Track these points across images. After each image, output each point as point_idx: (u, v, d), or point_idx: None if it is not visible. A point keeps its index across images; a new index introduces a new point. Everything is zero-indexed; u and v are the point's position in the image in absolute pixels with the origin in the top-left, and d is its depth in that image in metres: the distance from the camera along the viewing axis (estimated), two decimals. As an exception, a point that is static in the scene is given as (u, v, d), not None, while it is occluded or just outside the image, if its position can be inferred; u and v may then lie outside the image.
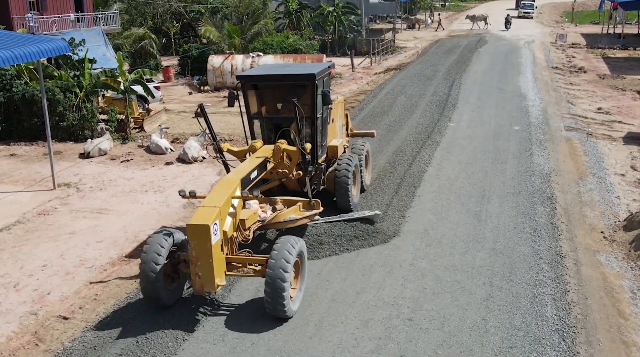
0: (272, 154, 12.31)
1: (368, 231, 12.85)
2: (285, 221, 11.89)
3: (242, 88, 13.28)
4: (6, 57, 14.45)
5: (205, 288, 9.71)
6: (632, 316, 10.19)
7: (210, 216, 9.56)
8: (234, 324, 9.83)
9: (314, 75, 12.60)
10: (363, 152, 15.23)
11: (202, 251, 9.45)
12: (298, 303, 10.18)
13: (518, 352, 8.94)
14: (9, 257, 12.89)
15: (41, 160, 19.90)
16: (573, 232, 13.36)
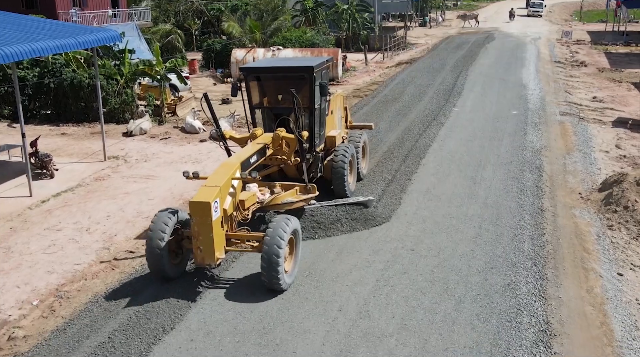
0: (271, 141, 13.02)
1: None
2: (282, 203, 12.55)
3: (245, 79, 13.90)
4: (71, 43, 16.96)
5: (206, 261, 10.35)
6: (594, 252, 12.45)
7: (212, 194, 10.18)
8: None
9: (312, 67, 13.20)
10: (360, 143, 15.95)
11: (204, 226, 10.10)
12: (293, 277, 10.87)
13: (497, 271, 11.26)
14: (77, 210, 15.38)
15: (89, 138, 22.45)
16: (554, 193, 15.62)
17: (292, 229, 10.65)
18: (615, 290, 10.98)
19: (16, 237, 13.76)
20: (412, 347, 8.98)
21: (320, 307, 10.08)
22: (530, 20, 72.87)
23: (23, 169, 18.53)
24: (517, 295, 10.44)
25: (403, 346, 9.01)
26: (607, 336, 9.53)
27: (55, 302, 10.96)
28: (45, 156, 17.86)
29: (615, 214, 14.10)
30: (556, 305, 10.25)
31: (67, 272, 12.08)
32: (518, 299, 10.32)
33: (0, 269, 12.21)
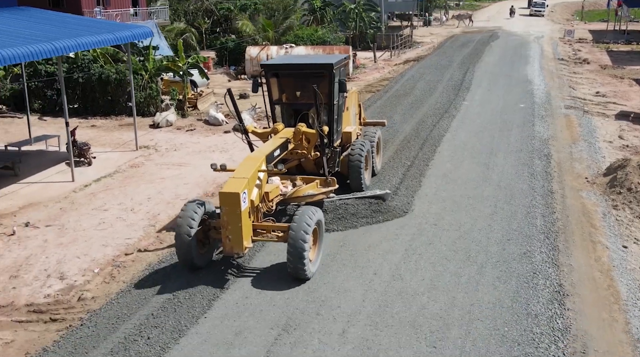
0: (292, 136, 13.33)
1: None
2: (304, 196, 12.91)
3: (265, 76, 14.20)
4: (110, 39, 18.14)
5: (235, 250, 10.67)
6: (600, 228, 13.62)
7: (240, 185, 10.52)
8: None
9: (332, 65, 13.60)
10: (375, 138, 16.34)
11: (233, 216, 10.39)
12: (316, 266, 11.17)
13: (513, 242, 12.44)
14: (119, 193, 16.56)
15: (118, 129, 23.62)
16: (562, 177, 16.80)
17: (316, 219, 10.95)
18: (620, 260, 12.14)
19: (67, 216, 14.93)
20: (442, 302, 10.15)
21: (357, 272, 11.26)
22: (532, 19, 74.07)
23: (60, 158, 19.77)
24: (532, 262, 11.61)
25: (434, 302, 10.18)
26: (614, 296, 10.69)
27: (114, 270, 12.13)
28: (84, 145, 19.02)
29: (620, 195, 15.27)
30: (567, 271, 11.41)
31: (121, 245, 13.25)
32: (533, 265, 11.49)
33: (59, 243, 13.38)
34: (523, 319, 9.66)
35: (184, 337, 9.29)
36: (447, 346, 8.95)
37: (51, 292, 11.32)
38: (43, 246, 13.27)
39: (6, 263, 12.46)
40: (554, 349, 8.92)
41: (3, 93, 26.28)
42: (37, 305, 10.91)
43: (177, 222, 11.17)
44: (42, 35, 16.22)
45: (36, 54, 14.72)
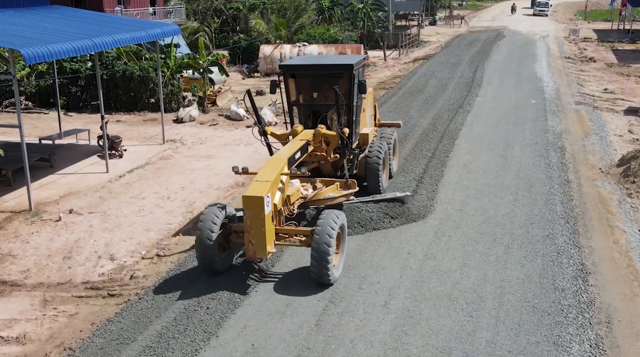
0: (312, 138, 13.07)
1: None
2: (324, 199, 12.71)
3: (284, 76, 13.95)
4: (142, 36, 18.89)
5: (258, 254, 10.44)
6: (616, 213, 14.37)
7: (264, 189, 10.30)
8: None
9: (352, 65, 13.36)
10: (392, 140, 16.10)
11: (256, 220, 10.19)
12: (340, 271, 11.01)
13: (536, 226, 13.19)
14: (154, 183, 17.32)
15: (142, 124, 24.39)
16: (577, 168, 17.55)
17: (340, 223, 10.77)
18: (637, 242, 12.89)
19: (107, 204, 15.69)
20: (474, 279, 10.91)
21: (392, 252, 12.02)
22: (536, 19, 74.87)
23: (91, 151, 20.53)
24: (555, 243, 12.36)
25: (467, 278, 10.94)
26: (633, 275, 11.44)
27: (160, 252, 12.88)
28: (116, 138, 19.79)
29: (634, 184, 16.01)
30: (588, 252, 12.16)
31: (162, 230, 14.01)
32: (557, 246, 12.24)
33: (104, 228, 14.14)
34: (551, 293, 10.42)
35: (239, 308, 10.05)
36: (483, 316, 9.71)
37: (104, 271, 12.08)
38: (89, 230, 14.03)
39: (57, 246, 13.22)
40: (581, 319, 9.67)
41: (29, 89, 27.02)
42: (93, 282, 11.67)
43: (198, 226, 10.96)
44: (82, 33, 16.97)
45: (80, 49, 15.49)
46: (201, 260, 11.09)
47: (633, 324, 9.72)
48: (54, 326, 10.19)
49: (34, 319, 10.44)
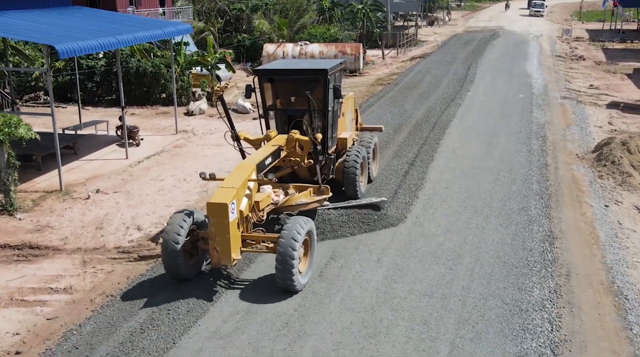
0: (285, 143, 12.97)
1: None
2: (296, 205, 12.46)
3: (259, 81, 13.82)
4: (159, 34, 20.64)
5: (222, 261, 10.41)
6: (587, 192, 16.10)
7: (229, 196, 10.21)
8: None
9: (327, 70, 13.17)
10: (371, 145, 16.02)
11: (221, 227, 10.15)
12: (307, 278, 10.94)
13: (513, 201, 14.92)
14: (170, 167, 19.04)
15: (155, 117, 26.10)
16: (556, 154, 19.27)
17: (307, 230, 10.70)
18: (602, 215, 14.62)
19: (130, 185, 17.42)
20: (455, 241, 12.65)
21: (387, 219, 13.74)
22: (532, 19, 76.59)
23: (110, 140, 22.26)
24: (529, 214, 14.09)
25: (449, 240, 12.68)
26: (594, 240, 13.17)
27: (180, 223, 14.58)
28: (133, 128, 21.52)
29: (605, 167, 17.74)
30: (557, 221, 13.89)
31: (181, 206, 15.68)
32: (529, 216, 13.97)
33: (129, 205, 15.87)
34: (520, 252, 12.15)
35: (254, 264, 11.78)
36: (460, 269, 11.45)
37: (133, 238, 13.82)
38: (116, 206, 15.75)
39: (89, 219, 14.95)
40: (544, 272, 11.39)
41: (47, 85, 28.71)
42: (124, 247, 13.40)
43: (164, 232, 10.99)
44: (105, 30, 18.71)
45: (105, 45, 17.24)
46: (167, 267, 11.02)
47: (588, 277, 11.44)
48: (95, 280, 11.93)
49: (77, 275, 12.17)
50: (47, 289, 11.64)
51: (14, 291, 11.51)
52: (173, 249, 10.68)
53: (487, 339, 9.26)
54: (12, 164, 15.39)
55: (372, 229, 13.26)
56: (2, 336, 10.03)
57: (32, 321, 10.46)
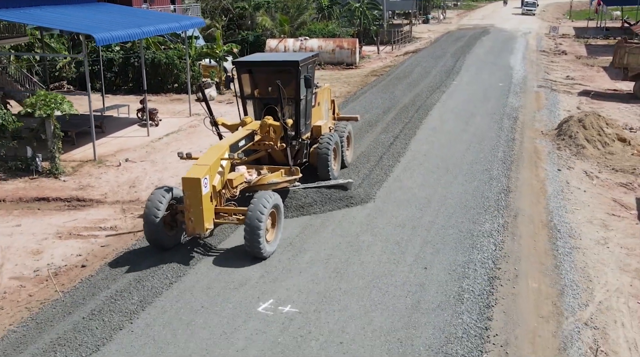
0: (259, 128, 14.13)
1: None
2: (268, 184, 13.43)
3: (237, 72, 14.95)
4: (176, 26, 23.46)
5: (196, 230, 11.46)
6: (544, 159, 18.91)
7: (202, 171, 11.28)
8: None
9: (298, 62, 14.29)
10: (345, 132, 17.10)
11: (194, 199, 11.24)
12: (275, 246, 12.07)
13: (479, 164, 17.76)
14: (187, 142, 21.86)
15: (170, 103, 28.93)
16: (524, 131, 22.10)
17: (272, 203, 11.73)
18: (553, 176, 17.44)
19: (154, 155, 20.25)
20: (427, 192, 15.50)
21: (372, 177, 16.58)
22: (524, 18, 79.46)
23: (130, 122, 25.09)
24: (490, 174, 16.93)
25: (422, 191, 15.55)
26: (543, 192, 15.99)
27: (200, 183, 17.39)
28: (153, 110, 24.35)
29: (563, 141, 20.56)
30: (514, 180, 16.72)
31: (200, 171, 18.53)
32: (491, 175, 16.81)
33: (155, 170, 18.70)
34: (479, 199, 14.99)
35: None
36: (428, 210, 14.31)
37: (162, 193, 16.62)
38: (144, 171, 18.59)
39: (122, 180, 17.78)
40: (495, 213, 14.23)
41: (70, 75, 31.59)
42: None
43: (145, 206, 12.05)
44: (130, 23, 21.53)
45: (133, 35, 20.06)
46: (148, 238, 12.09)
47: (531, 217, 14.28)
48: (134, 222, 14.74)
49: (119, 218, 15.00)
50: (97, 227, 14.48)
51: (71, 229, 14.35)
52: (153, 221, 11.71)
53: (444, 252, 12.12)
54: (57, 134, 18.24)
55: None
56: (69, 257, 12.87)
57: (90, 248, 13.30)
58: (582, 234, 13.54)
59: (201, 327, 9.62)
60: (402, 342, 9.14)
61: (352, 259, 11.88)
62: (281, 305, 10.22)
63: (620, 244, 13.14)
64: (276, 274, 11.38)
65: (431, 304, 10.20)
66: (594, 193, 16.31)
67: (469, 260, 11.81)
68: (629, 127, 22.91)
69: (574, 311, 10.37)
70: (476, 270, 11.43)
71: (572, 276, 11.55)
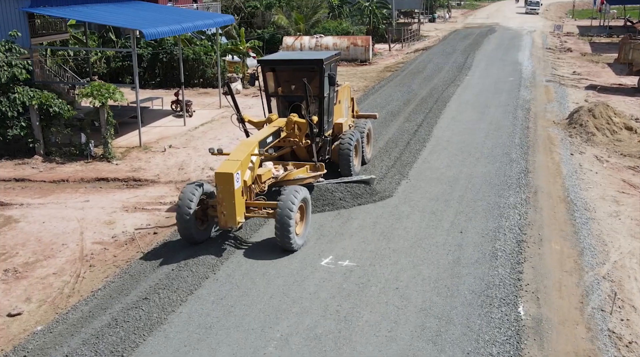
0: (285, 125, 14.33)
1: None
2: (294, 179, 13.82)
3: (262, 70, 15.19)
4: (209, 23, 25.01)
5: (229, 223, 11.72)
6: (557, 145, 20.48)
7: (234, 167, 11.56)
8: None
9: (322, 60, 14.52)
10: (365, 130, 17.40)
11: (227, 194, 11.49)
12: (303, 239, 12.30)
13: (499, 148, 19.35)
14: (222, 131, 23.43)
15: (199, 96, 30.49)
16: (537, 121, 23.69)
17: (301, 197, 11.99)
18: (567, 159, 19.01)
19: (194, 142, 21.82)
20: (454, 172, 17.09)
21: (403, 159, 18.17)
22: (527, 17, 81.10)
23: (166, 113, 26.66)
24: (510, 157, 18.51)
25: (449, 171, 17.14)
26: (558, 173, 17.56)
27: (242, 166, 18.97)
28: (188, 101, 25.92)
29: (574, 129, 22.14)
30: (532, 162, 18.29)
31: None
32: (510, 158, 18.40)
33: (199, 154, 20.26)
34: (502, 178, 16.58)
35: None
36: (458, 186, 15.90)
37: (210, 174, 18.20)
38: (189, 156, 20.16)
39: (171, 163, 19.35)
40: (518, 189, 15.80)
41: (101, 70, 33.15)
42: (204, 180, 17.74)
43: (177, 202, 12.37)
44: (169, 20, 23.08)
45: (174, 31, 21.63)
46: (181, 232, 12.42)
47: (550, 193, 15.86)
48: (190, 198, 16.29)
49: (175, 195, 16.55)
50: (157, 202, 16.06)
51: (135, 204, 15.93)
52: (186, 216, 12.03)
53: (476, 220, 13.71)
54: (110, 121, 19.82)
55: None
56: (140, 226, 14.45)
57: (156, 219, 14.87)
58: (596, 207, 15.10)
59: (275, 276, 11.20)
60: (449, 288, 10.73)
61: (396, 225, 13.48)
62: (340, 260, 11.80)
63: (631, 217, 14.69)
64: (330, 237, 12.97)
65: (470, 260, 11.79)
66: (605, 174, 17.86)
67: (499, 226, 13.39)
68: (635, 118, 24.48)
69: (593, 267, 11.93)
70: (505, 234, 13.00)
71: (589, 240, 13.11)
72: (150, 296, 10.54)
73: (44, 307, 10.82)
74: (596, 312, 10.32)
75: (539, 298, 10.63)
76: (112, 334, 9.40)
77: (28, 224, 14.55)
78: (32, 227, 14.34)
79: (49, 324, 10.08)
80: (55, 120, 20.06)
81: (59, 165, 19.22)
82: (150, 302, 10.29)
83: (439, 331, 9.45)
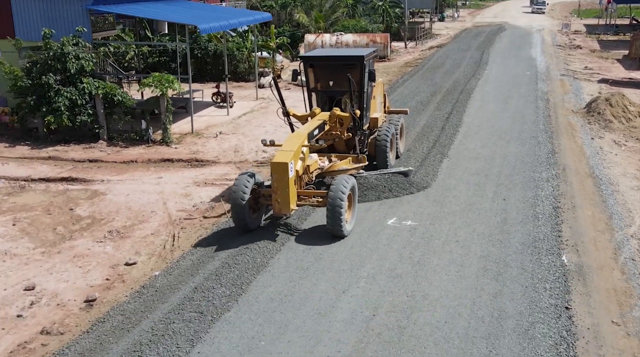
0: (328, 118, 15.02)
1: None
2: (338, 170, 14.58)
3: (304, 66, 15.77)
4: (248, 20, 26.83)
5: (283, 211, 12.31)
6: (578, 131, 22.29)
7: (288, 156, 12.18)
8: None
9: (363, 57, 15.25)
10: (398, 124, 18.05)
11: (282, 182, 12.03)
12: (352, 225, 12.86)
13: (526, 133, 21.17)
14: (264, 119, 25.24)
15: (233, 89, 32.25)
16: (556, 110, 25.50)
17: (350, 186, 12.57)
18: (588, 143, 20.82)
19: (242, 129, 23.64)
20: (489, 152, 18.94)
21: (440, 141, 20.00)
22: (534, 16, 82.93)
23: (207, 104, 28.47)
24: (537, 140, 20.34)
25: (485, 151, 18.99)
26: (582, 154, 19.38)
27: (292, 149, 20.79)
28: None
29: (592, 117, 23.95)
30: (557, 145, 20.10)
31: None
32: (538, 141, 20.22)
33: (249, 139, 22.07)
34: (533, 157, 18.41)
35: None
36: (494, 164, 17.74)
37: (265, 156, 20.02)
38: (240, 141, 21.97)
39: (225, 147, 21.17)
40: (548, 166, 17.62)
41: (138, 66, 34.98)
42: (260, 161, 19.63)
43: (231, 191, 12.94)
44: (214, 17, 24.91)
45: (223, 27, 23.46)
46: (235, 219, 12.94)
47: (577, 170, 17.67)
48: (252, 175, 18.10)
49: (237, 173, 18.35)
50: (223, 179, 17.86)
51: (204, 179, 17.74)
52: (240, 205, 12.56)
53: (515, 190, 15.55)
54: (169, 109, 21.64)
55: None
56: (215, 197, 16.26)
57: (227, 192, 16.66)
58: (619, 182, 16.90)
59: (351, 233, 13.01)
60: (502, 242, 12.57)
61: (446, 194, 15.33)
62: (404, 220, 13.64)
63: (651, 190, 16.53)
64: (390, 203, 14.80)
65: (515, 220, 13.63)
66: (624, 156, 19.67)
67: (536, 195, 15.22)
68: (647, 108, 26.29)
69: (622, 228, 13.74)
70: (543, 202, 14.83)
71: (616, 208, 14.92)
72: (249, 246, 12.36)
73: (153, 259, 12.65)
74: (628, 261, 12.12)
75: (579, 250, 12.44)
76: (228, 272, 11.24)
77: (115, 196, 16.38)
78: (119, 199, 16.17)
79: (164, 270, 11.90)
80: (118, 109, 21.89)
81: (124, 149, 21.04)
82: (252, 250, 12.12)
83: (498, 271, 11.28)
